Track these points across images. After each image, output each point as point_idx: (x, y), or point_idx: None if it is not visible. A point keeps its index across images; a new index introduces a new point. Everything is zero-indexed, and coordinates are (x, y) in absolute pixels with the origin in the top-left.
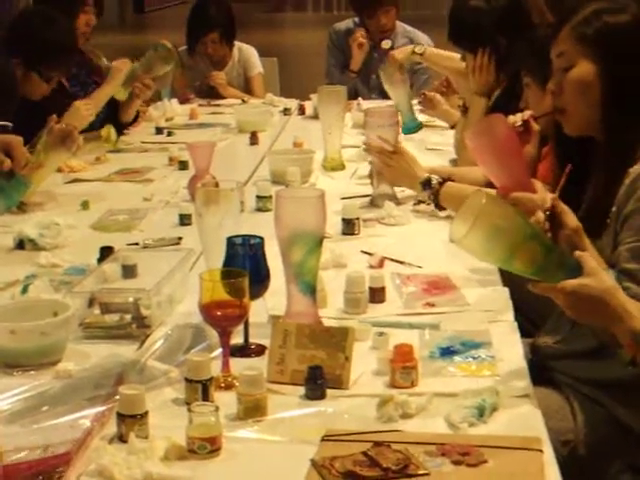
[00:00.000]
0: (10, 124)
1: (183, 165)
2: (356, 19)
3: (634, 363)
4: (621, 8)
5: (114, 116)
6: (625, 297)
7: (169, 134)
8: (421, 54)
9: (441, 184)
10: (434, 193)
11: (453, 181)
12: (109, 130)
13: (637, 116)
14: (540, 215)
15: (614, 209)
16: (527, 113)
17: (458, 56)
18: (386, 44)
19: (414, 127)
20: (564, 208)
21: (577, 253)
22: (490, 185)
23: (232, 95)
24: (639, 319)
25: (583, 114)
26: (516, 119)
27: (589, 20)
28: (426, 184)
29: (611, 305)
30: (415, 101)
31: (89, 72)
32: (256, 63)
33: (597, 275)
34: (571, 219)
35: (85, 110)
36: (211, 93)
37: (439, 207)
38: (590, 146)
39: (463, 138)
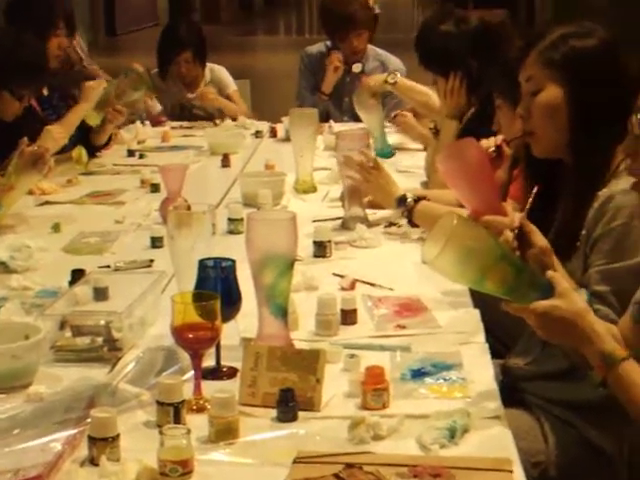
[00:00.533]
0: None
1: (155, 188)
2: (328, 42)
3: (604, 384)
4: (588, 32)
5: (86, 139)
6: (595, 319)
7: (141, 157)
8: (393, 84)
9: (416, 202)
10: (408, 210)
11: (428, 200)
12: (80, 152)
13: (604, 140)
14: (508, 234)
15: (584, 232)
16: (499, 138)
17: (429, 91)
18: (357, 68)
19: (388, 153)
20: (532, 228)
21: (549, 273)
22: (463, 207)
23: (226, 105)
24: (609, 341)
25: (551, 137)
26: (489, 144)
27: (556, 44)
28: (401, 201)
29: (581, 327)
30: (387, 123)
31: (62, 96)
32: (230, 81)
33: (568, 296)
34: (539, 239)
35: (57, 134)
36: (183, 116)
37: (412, 224)
38: (559, 168)
39: (434, 161)
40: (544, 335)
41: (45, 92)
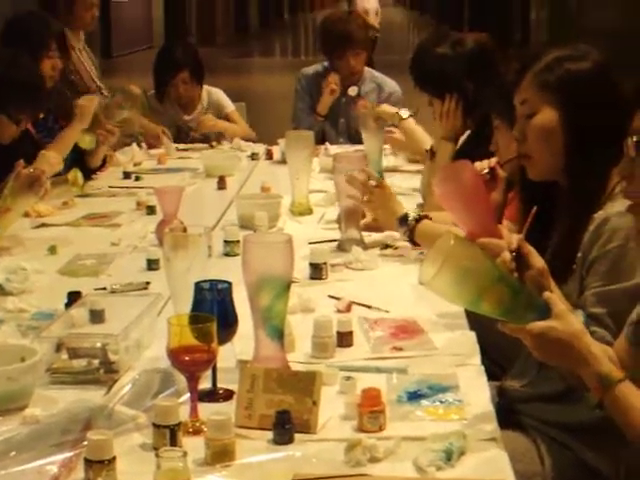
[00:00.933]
0: None
1: (151, 210)
2: (325, 63)
3: (601, 406)
4: (582, 55)
5: (81, 161)
6: (592, 341)
7: (137, 179)
8: (401, 119)
9: (417, 221)
10: (410, 229)
11: (430, 219)
12: (76, 174)
13: (600, 163)
14: (506, 255)
15: (579, 255)
16: (493, 160)
17: (429, 140)
18: (352, 91)
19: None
20: (530, 249)
21: (546, 294)
22: None
23: (226, 128)
24: (605, 363)
25: (547, 160)
26: (483, 166)
27: (551, 67)
28: (403, 220)
29: (578, 348)
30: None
31: (56, 118)
32: (227, 102)
33: (565, 318)
34: (537, 260)
35: (53, 159)
36: (180, 138)
37: (414, 243)
38: (555, 190)
39: (430, 183)
40: (540, 356)
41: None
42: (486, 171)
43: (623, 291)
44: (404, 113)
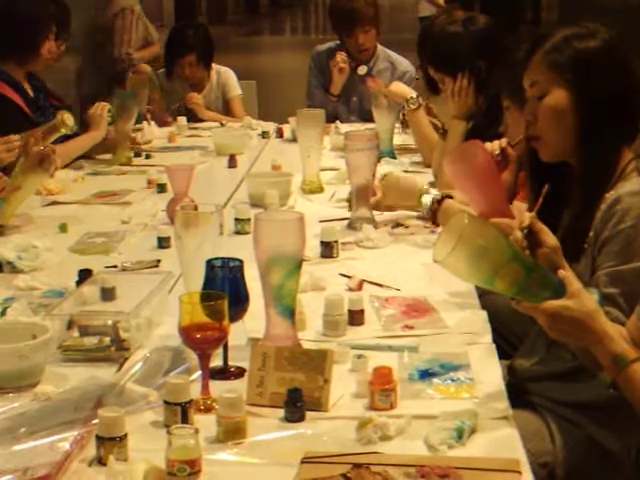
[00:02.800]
0: None
1: (162, 188)
2: (338, 42)
3: (615, 386)
4: (590, 33)
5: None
6: (606, 320)
7: (147, 157)
8: (411, 109)
9: (439, 202)
10: (433, 211)
11: (452, 198)
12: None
13: (612, 142)
14: (518, 234)
15: (591, 234)
16: (504, 141)
17: (434, 136)
18: (362, 70)
19: (391, 154)
20: (542, 227)
21: (561, 273)
22: None
23: (209, 117)
24: (619, 342)
25: (558, 141)
26: (494, 147)
27: (559, 47)
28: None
29: (592, 328)
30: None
31: (47, 95)
32: (235, 85)
33: (580, 297)
34: (550, 238)
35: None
36: (190, 116)
37: (435, 223)
38: (564, 170)
39: (442, 161)
40: (554, 335)
41: (30, 93)
42: (497, 152)
43: (636, 271)
44: (413, 103)
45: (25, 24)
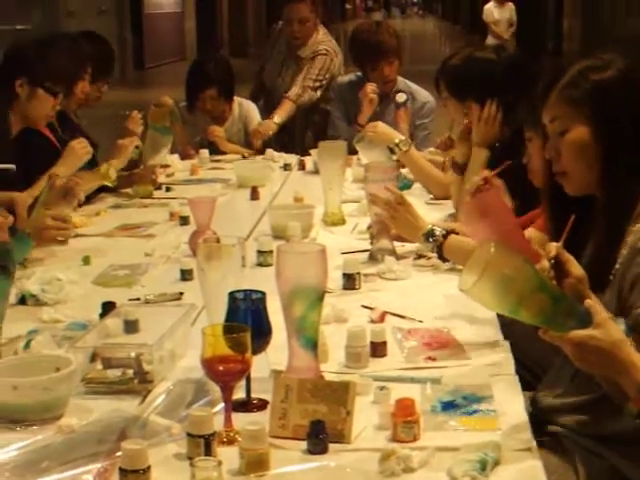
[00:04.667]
0: (13, 166)
1: (184, 220)
2: (358, 73)
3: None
4: (606, 64)
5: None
6: (632, 350)
7: (167, 189)
8: (404, 149)
9: (445, 236)
10: (438, 245)
11: (457, 234)
12: (108, 167)
13: (635, 171)
14: (545, 264)
15: (618, 267)
16: (485, 172)
17: (432, 170)
18: (400, 97)
19: (406, 184)
20: (569, 257)
21: (587, 302)
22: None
23: (231, 150)
24: None
25: (584, 176)
26: (476, 180)
27: (575, 81)
28: (429, 236)
29: (619, 357)
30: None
31: (73, 131)
32: (256, 118)
33: (606, 326)
34: (576, 268)
35: (80, 149)
36: (212, 149)
37: (443, 259)
38: (587, 200)
39: (460, 193)
40: (580, 365)
41: (59, 131)
42: (482, 183)
43: None
44: (404, 144)
45: (60, 66)
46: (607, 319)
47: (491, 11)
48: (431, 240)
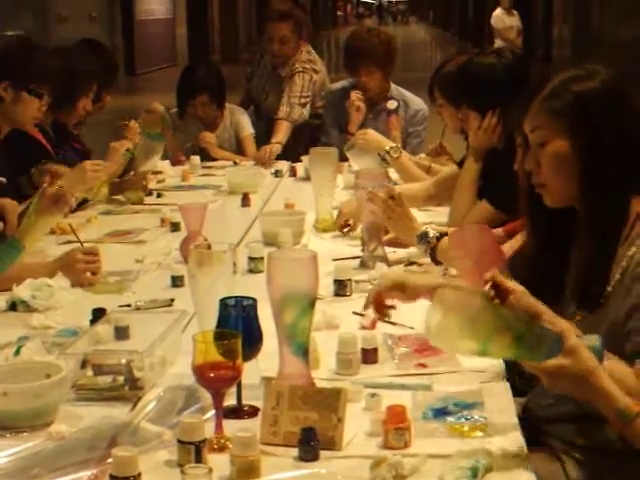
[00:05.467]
0: (3, 180)
1: (175, 227)
2: (351, 79)
3: (623, 439)
4: (589, 75)
5: None
6: (605, 376)
7: (158, 196)
8: (395, 156)
9: (438, 239)
10: (431, 247)
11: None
12: (100, 187)
13: (617, 189)
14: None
15: (610, 289)
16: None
17: (419, 179)
18: (391, 104)
19: None
20: (501, 278)
21: (559, 328)
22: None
23: (222, 156)
24: (620, 398)
25: (564, 188)
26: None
27: (556, 92)
28: (423, 238)
29: (592, 385)
30: None
31: (68, 138)
32: (246, 124)
33: (577, 353)
34: (513, 284)
35: (92, 172)
36: (203, 155)
37: (436, 261)
38: (567, 212)
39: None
40: (556, 392)
41: (51, 134)
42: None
43: None
44: (395, 151)
45: (67, 78)
46: (578, 345)
47: (501, 18)
48: (424, 242)
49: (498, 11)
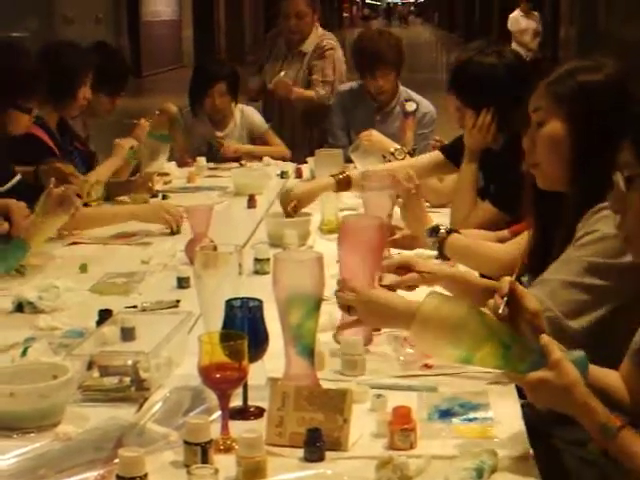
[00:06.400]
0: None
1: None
2: (360, 81)
3: (606, 454)
4: (596, 67)
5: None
6: (587, 391)
7: (164, 197)
8: (400, 158)
9: (449, 233)
10: (440, 242)
11: (460, 233)
12: (92, 187)
13: (607, 177)
14: (499, 300)
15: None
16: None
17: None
18: (410, 106)
19: None
20: (523, 291)
21: (543, 341)
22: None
23: (250, 150)
24: (602, 412)
25: (555, 170)
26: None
27: (562, 78)
28: (433, 232)
29: (574, 400)
30: None
31: (72, 139)
32: (261, 121)
33: (559, 368)
34: (531, 302)
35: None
36: (210, 155)
37: (443, 257)
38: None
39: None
40: (539, 405)
41: (58, 137)
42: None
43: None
44: (399, 154)
45: (64, 71)
46: (561, 359)
47: (517, 20)
48: (434, 235)
49: (516, 13)
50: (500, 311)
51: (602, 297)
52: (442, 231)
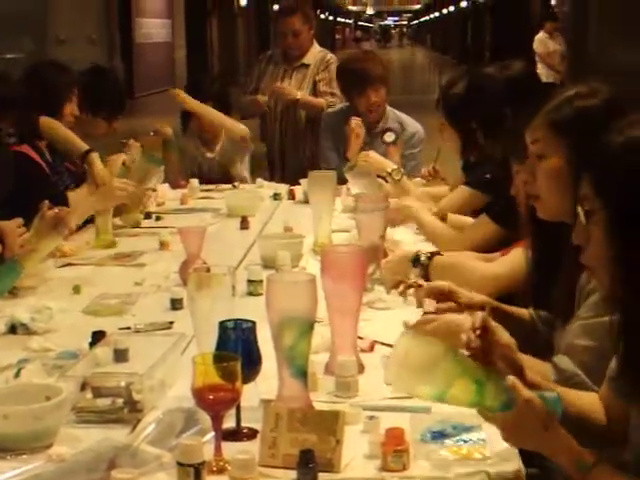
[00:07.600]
0: None
1: (163, 245)
2: (347, 103)
3: None
4: (592, 92)
5: None
6: (558, 429)
7: (157, 219)
8: (397, 178)
9: (430, 259)
10: (424, 269)
11: (441, 255)
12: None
13: None
14: (471, 335)
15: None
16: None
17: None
18: (389, 137)
19: None
20: (496, 325)
21: (509, 382)
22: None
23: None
24: (575, 449)
25: (557, 202)
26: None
27: (560, 106)
28: (415, 261)
29: (545, 441)
30: None
31: (62, 159)
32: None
33: (528, 407)
34: (503, 335)
35: (120, 190)
36: (201, 175)
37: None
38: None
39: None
40: (513, 445)
41: (48, 157)
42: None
43: (605, 325)
44: (396, 174)
45: (47, 90)
46: (530, 399)
47: (544, 42)
48: (418, 264)
49: (541, 34)
50: (472, 345)
51: None
52: (423, 259)
